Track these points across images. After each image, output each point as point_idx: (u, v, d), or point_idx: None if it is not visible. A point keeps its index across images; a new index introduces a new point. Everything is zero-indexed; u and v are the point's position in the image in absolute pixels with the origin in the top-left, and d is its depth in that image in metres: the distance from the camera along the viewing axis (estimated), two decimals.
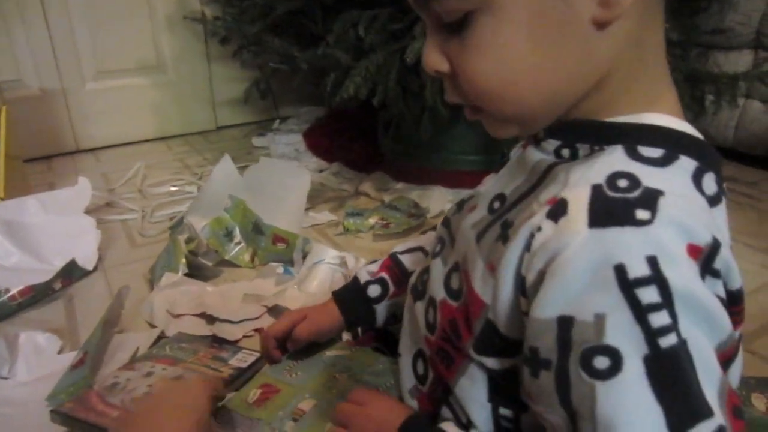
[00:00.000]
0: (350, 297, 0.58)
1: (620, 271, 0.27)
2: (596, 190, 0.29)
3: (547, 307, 0.29)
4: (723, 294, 0.30)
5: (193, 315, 0.80)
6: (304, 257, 0.91)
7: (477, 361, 0.36)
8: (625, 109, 0.33)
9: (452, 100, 0.36)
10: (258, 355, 0.71)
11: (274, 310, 0.80)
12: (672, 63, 1.09)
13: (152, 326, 0.79)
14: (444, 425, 0.39)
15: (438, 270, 0.42)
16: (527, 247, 0.31)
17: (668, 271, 0.27)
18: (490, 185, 0.42)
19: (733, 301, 0.31)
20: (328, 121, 1.58)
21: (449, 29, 0.33)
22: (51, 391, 0.66)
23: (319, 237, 1.04)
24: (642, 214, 0.28)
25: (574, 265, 0.28)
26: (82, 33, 1.47)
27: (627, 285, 0.27)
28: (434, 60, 0.34)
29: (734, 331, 0.31)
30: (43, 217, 0.96)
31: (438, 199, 1.12)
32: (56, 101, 1.49)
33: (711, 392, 0.26)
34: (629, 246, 0.27)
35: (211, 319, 0.79)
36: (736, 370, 0.34)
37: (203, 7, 1.54)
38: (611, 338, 0.26)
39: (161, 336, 0.77)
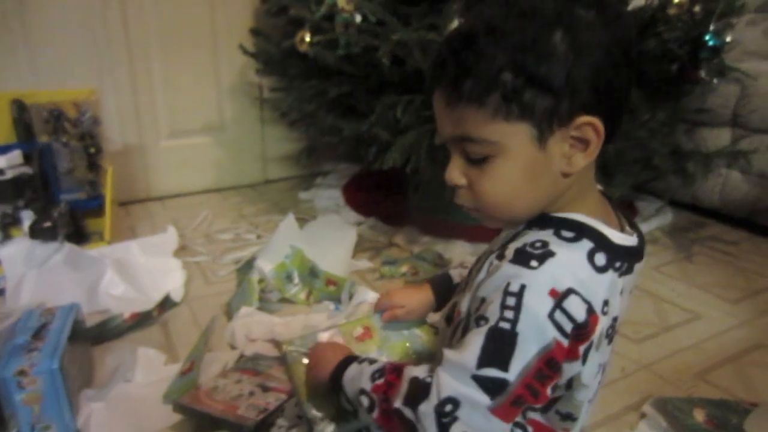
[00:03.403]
0: (443, 283, 0.75)
1: (507, 285, 0.47)
2: (523, 246, 0.49)
3: (483, 292, 0.50)
4: (568, 325, 0.46)
5: (265, 340, 1.02)
6: (351, 297, 1.13)
7: None
8: (564, 209, 0.52)
9: (460, 203, 0.54)
10: None
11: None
12: (661, 139, 1.33)
13: (233, 348, 1.02)
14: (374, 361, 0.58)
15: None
16: (486, 272, 0.52)
17: (527, 295, 0.46)
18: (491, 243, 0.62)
19: (581, 327, 0.46)
20: (363, 177, 1.83)
21: (472, 161, 0.51)
22: (165, 390, 0.87)
23: (360, 281, 1.26)
24: (533, 263, 0.47)
25: (495, 277, 0.48)
26: (161, 97, 1.74)
27: (505, 292, 0.46)
28: (456, 177, 0.52)
29: (577, 360, 0.47)
30: (142, 257, 1.20)
31: (459, 252, 1.34)
32: (135, 155, 1.76)
33: (516, 364, 0.45)
34: (518, 276, 0.47)
35: (278, 344, 1.01)
36: (585, 393, 0.51)
37: (260, 78, 1.81)
38: (485, 312, 0.47)
39: (241, 355, 0.99)
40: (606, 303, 0.48)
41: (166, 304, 1.14)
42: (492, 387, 0.46)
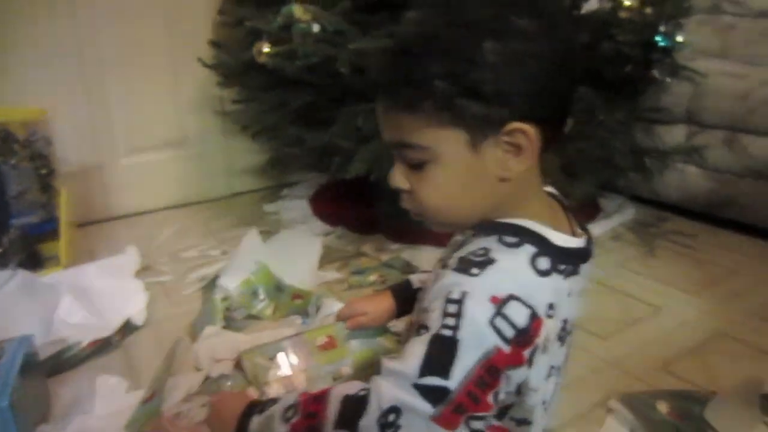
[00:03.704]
0: (403, 289, 0.77)
1: (449, 293, 0.47)
2: (467, 254, 0.50)
3: (426, 301, 0.50)
4: (509, 330, 0.46)
5: (231, 360, 1.00)
6: (318, 310, 1.11)
7: None
8: (508, 214, 0.52)
9: (405, 207, 0.55)
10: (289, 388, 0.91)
11: None
12: (620, 138, 1.37)
13: (199, 370, 0.99)
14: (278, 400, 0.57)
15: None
16: (435, 277, 0.52)
17: (468, 302, 0.46)
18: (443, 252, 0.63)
19: (523, 332, 0.47)
20: (331, 187, 1.81)
21: (411, 166, 0.52)
22: (127, 420, 0.85)
23: (328, 292, 1.24)
24: (474, 270, 0.47)
25: (437, 285, 0.49)
26: (119, 114, 1.69)
27: (446, 300, 0.47)
28: (399, 181, 0.53)
29: (522, 365, 0.47)
30: (100, 281, 1.16)
31: (428, 257, 1.34)
32: (93, 174, 1.71)
33: (457, 372, 0.45)
34: (459, 284, 0.47)
35: (238, 356, 0.99)
36: (535, 397, 0.51)
37: (221, 91, 1.78)
38: (427, 321, 0.48)
39: (207, 377, 0.96)
40: (551, 306, 0.49)
41: (128, 328, 1.10)
42: (434, 395, 0.46)
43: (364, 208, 1.61)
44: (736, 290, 1.28)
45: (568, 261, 0.52)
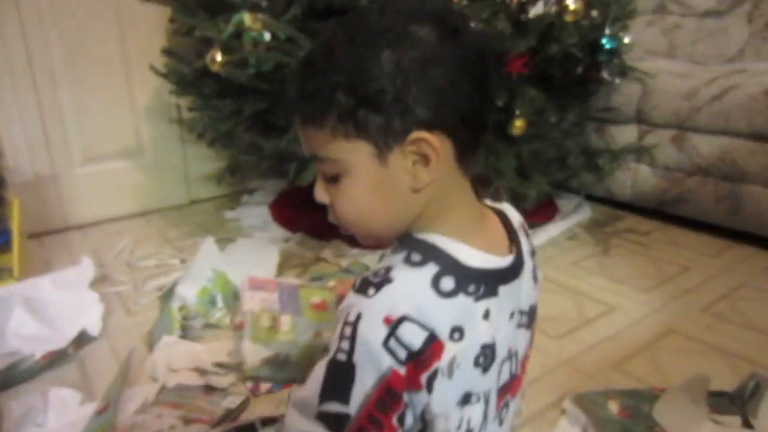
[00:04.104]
0: None
1: (346, 315, 0.46)
2: (370, 273, 0.48)
3: (333, 322, 0.50)
4: (402, 352, 0.45)
5: (189, 369, 0.99)
6: None
7: None
8: (427, 227, 0.51)
9: (331, 220, 0.54)
10: (244, 397, 0.92)
11: None
12: (573, 139, 1.41)
13: (155, 380, 0.98)
14: None
15: None
16: None
17: (362, 324, 0.45)
18: None
19: (418, 354, 0.45)
20: (290, 193, 1.81)
21: (328, 180, 0.51)
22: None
23: None
24: (370, 291, 0.46)
25: (340, 307, 0.48)
26: (72, 124, 1.66)
27: (344, 322, 0.46)
28: (321, 195, 0.53)
29: (420, 390, 0.46)
30: (54, 293, 1.14)
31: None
32: (47, 185, 1.67)
33: (356, 396, 0.45)
34: (354, 305, 0.46)
35: (203, 372, 0.99)
36: (446, 424, 0.49)
37: (177, 98, 1.76)
38: (328, 343, 0.48)
39: (163, 387, 0.96)
40: (456, 329, 0.47)
41: (83, 339, 1.09)
42: (334, 422, 0.46)
43: (324, 213, 1.61)
44: (687, 287, 1.32)
45: (480, 282, 0.49)
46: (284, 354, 0.97)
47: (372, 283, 0.47)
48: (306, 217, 1.59)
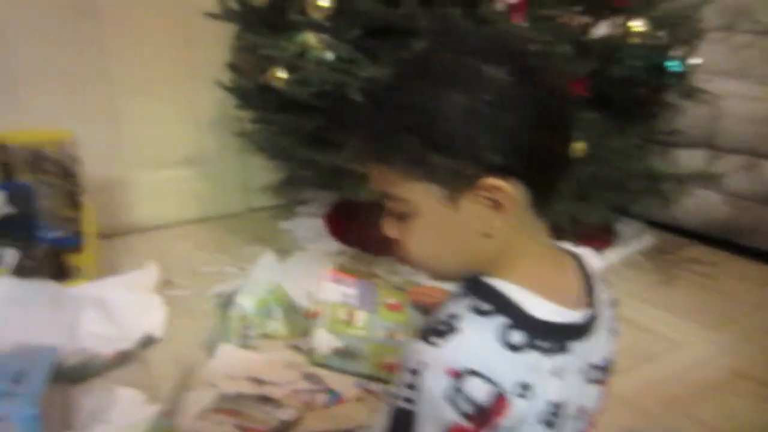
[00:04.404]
0: None
1: (410, 362, 0.46)
2: (435, 319, 0.47)
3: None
4: (468, 407, 0.43)
5: (245, 378, 1.02)
6: None
7: None
8: (497, 272, 0.49)
9: (399, 256, 0.52)
10: (298, 409, 0.94)
11: (309, 376, 1.02)
12: (634, 162, 1.36)
13: (213, 386, 1.01)
14: None
15: None
16: None
17: (426, 374, 0.44)
18: None
19: (483, 410, 0.44)
20: (345, 206, 1.83)
21: (397, 217, 0.50)
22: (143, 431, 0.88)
23: None
24: (436, 340, 0.45)
25: (406, 352, 0.48)
26: (141, 132, 1.75)
27: (408, 370, 0.46)
28: (389, 230, 0.52)
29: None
30: (122, 294, 1.20)
31: (437, 284, 1.35)
32: (116, 189, 1.76)
33: None
34: (420, 353, 0.45)
35: (259, 381, 1.01)
36: None
37: (239, 112, 1.82)
38: (395, 388, 0.48)
39: (221, 394, 0.99)
40: (525, 386, 0.45)
41: (148, 341, 1.14)
42: None
43: (378, 228, 1.62)
44: (757, 326, 1.23)
45: (551, 337, 0.47)
46: (355, 348, 1.01)
47: (437, 331, 0.46)
48: (360, 230, 1.61)
